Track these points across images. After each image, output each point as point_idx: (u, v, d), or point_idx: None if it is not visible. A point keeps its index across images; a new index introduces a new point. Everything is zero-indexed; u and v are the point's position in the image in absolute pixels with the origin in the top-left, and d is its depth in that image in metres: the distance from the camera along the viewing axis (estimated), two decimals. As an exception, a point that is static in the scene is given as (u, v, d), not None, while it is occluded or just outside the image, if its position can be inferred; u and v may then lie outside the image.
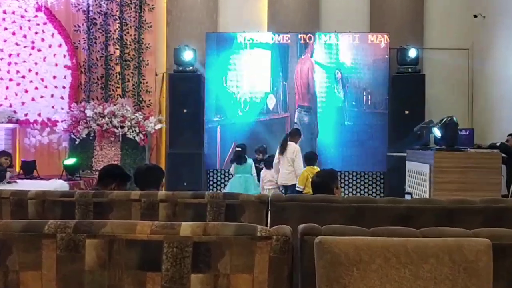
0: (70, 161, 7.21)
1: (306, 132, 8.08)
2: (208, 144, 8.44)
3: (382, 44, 8.32)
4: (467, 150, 5.30)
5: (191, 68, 8.43)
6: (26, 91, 8.71)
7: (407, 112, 8.10)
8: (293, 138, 6.81)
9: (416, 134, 5.86)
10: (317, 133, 8.41)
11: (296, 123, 8.35)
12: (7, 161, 6.46)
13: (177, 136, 8.37)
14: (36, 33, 8.69)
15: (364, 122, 8.35)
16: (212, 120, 8.47)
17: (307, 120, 8.46)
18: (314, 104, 8.46)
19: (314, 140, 8.40)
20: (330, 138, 8.40)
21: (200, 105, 8.43)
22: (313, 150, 7.50)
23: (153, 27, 8.70)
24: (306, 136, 8.05)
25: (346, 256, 1.57)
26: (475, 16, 8.14)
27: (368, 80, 8.35)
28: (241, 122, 8.45)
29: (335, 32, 8.41)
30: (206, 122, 8.44)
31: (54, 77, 8.70)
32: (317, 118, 8.44)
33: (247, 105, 8.49)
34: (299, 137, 6.97)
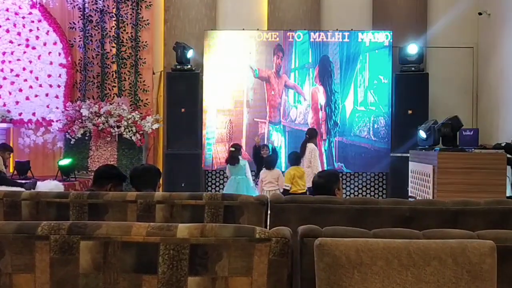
0: (65, 161, 7.16)
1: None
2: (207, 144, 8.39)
3: (385, 42, 8.26)
4: (472, 150, 5.24)
5: (189, 66, 8.37)
6: (21, 90, 8.60)
7: (410, 112, 8.05)
8: (311, 139, 6.80)
9: (423, 136, 5.75)
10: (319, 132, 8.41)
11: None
12: (10, 156, 6.40)
13: (174, 136, 8.31)
14: (30, 30, 8.59)
15: (366, 122, 8.31)
16: (211, 119, 8.41)
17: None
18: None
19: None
20: (331, 138, 8.37)
21: (198, 104, 8.37)
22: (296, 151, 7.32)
23: (150, 24, 8.62)
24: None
25: (347, 259, 1.55)
26: (480, 13, 8.06)
27: (371, 79, 8.29)
28: (241, 122, 8.40)
29: (336, 30, 8.35)
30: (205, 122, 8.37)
31: (49, 75, 8.62)
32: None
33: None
34: (316, 136, 6.94)
